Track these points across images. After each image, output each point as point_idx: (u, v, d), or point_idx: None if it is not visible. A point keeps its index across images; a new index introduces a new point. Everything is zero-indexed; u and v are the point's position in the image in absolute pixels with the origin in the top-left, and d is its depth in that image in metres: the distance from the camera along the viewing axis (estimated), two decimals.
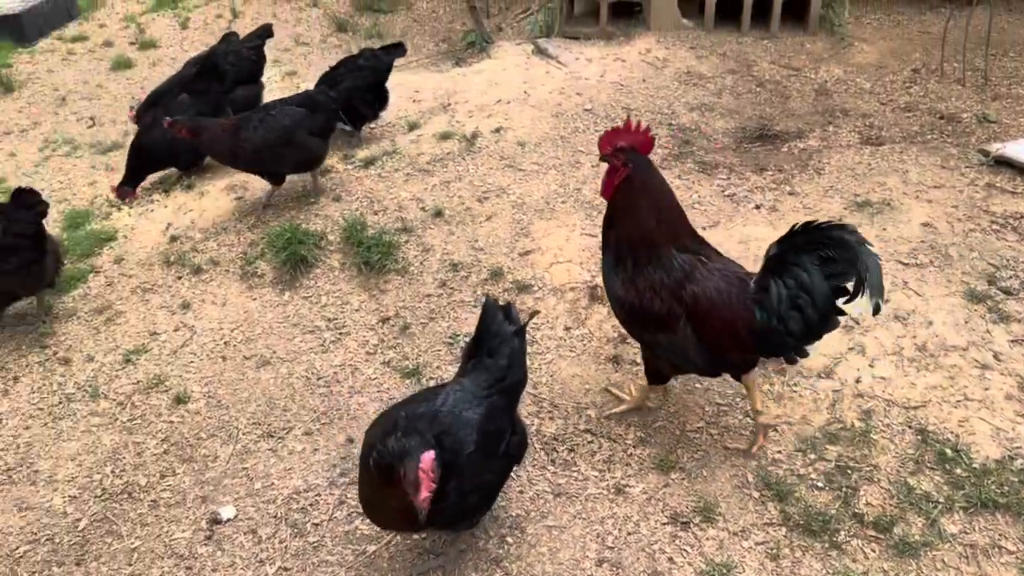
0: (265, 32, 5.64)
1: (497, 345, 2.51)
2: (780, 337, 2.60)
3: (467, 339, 3.50)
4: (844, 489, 2.68)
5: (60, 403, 3.45)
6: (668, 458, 2.86)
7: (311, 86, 6.49)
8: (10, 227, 3.63)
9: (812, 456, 2.82)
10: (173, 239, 4.38)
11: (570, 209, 4.12)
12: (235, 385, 3.48)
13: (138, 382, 3.51)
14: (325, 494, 2.93)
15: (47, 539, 2.86)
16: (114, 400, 3.43)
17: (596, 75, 5.48)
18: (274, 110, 4.38)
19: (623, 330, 3.05)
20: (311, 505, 2.87)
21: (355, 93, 4.96)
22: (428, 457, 2.06)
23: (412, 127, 5.14)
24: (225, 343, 3.71)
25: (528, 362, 2.67)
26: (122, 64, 7.46)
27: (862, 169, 4.35)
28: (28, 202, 3.68)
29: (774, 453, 2.85)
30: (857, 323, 3.25)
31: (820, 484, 2.72)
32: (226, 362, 3.60)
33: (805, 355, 2.67)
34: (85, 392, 3.48)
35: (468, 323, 3.65)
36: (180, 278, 4.13)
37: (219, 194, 4.70)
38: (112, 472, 3.11)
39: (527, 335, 2.68)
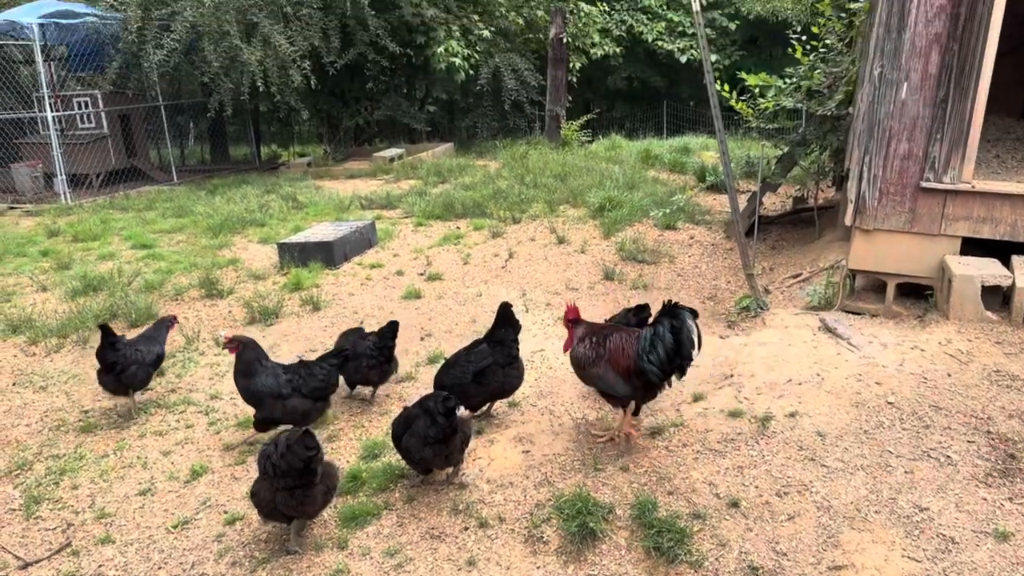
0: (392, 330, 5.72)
1: None
2: (646, 365, 4.34)
3: None
4: None
5: None
6: None
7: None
8: (285, 455, 3.94)
9: None
10: (462, 486, 4.50)
11: (886, 522, 3.78)
12: None
13: None
14: None
15: None
16: None
17: (894, 363, 5.22)
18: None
19: None
20: None
21: None
22: None
23: (697, 398, 5.11)
24: None
25: None
26: (412, 294, 8.20)
27: None
28: (307, 443, 3.98)
29: None
30: None
31: None
32: None
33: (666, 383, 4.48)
34: None
35: None
36: (467, 529, 4.18)
37: (507, 444, 4.84)
38: None
39: None
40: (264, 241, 10.12)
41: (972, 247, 6.33)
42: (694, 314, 4.33)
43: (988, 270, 5.81)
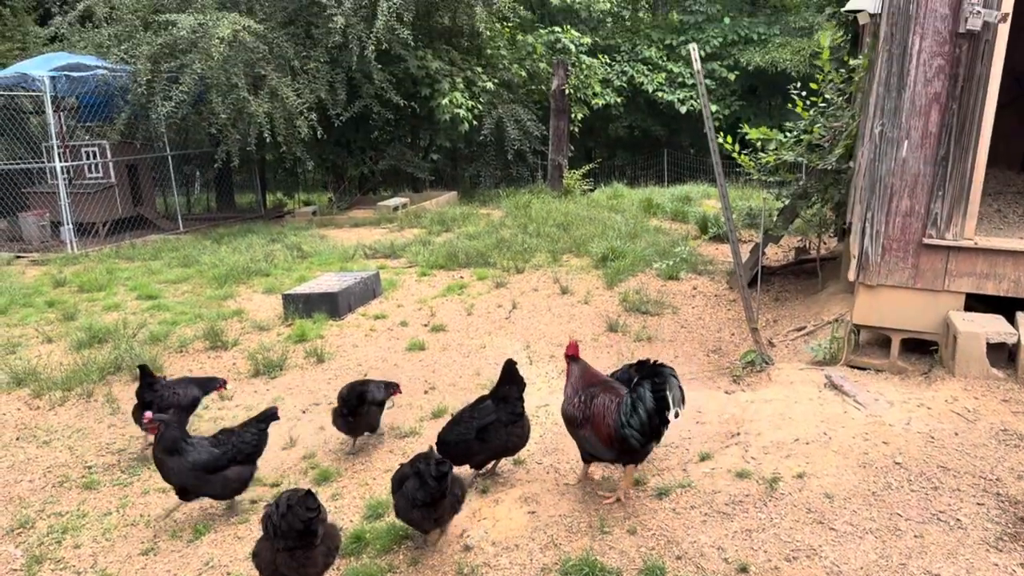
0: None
1: None
2: (627, 431, 4.34)
3: None
4: None
5: None
6: None
7: None
8: (286, 516, 3.92)
9: None
10: (467, 548, 4.45)
11: None
12: None
13: None
14: None
15: None
16: None
17: (901, 422, 5.20)
18: None
19: None
20: None
21: None
22: None
23: (704, 457, 5.07)
24: None
25: None
26: (416, 346, 8.20)
27: None
28: (308, 504, 3.96)
29: None
30: None
31: None
32: None
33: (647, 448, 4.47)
34: None
35: None
36: None
37: (513, 504, 4.79)
38: None
39: None
40: (269, 291, 10.16)
41: (976, 301, 6.36)
42: (674, 373, 4.38)
43: (993, 327, 5.82)
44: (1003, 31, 5.82)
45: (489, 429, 5.10)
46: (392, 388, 6.15)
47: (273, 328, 8.80)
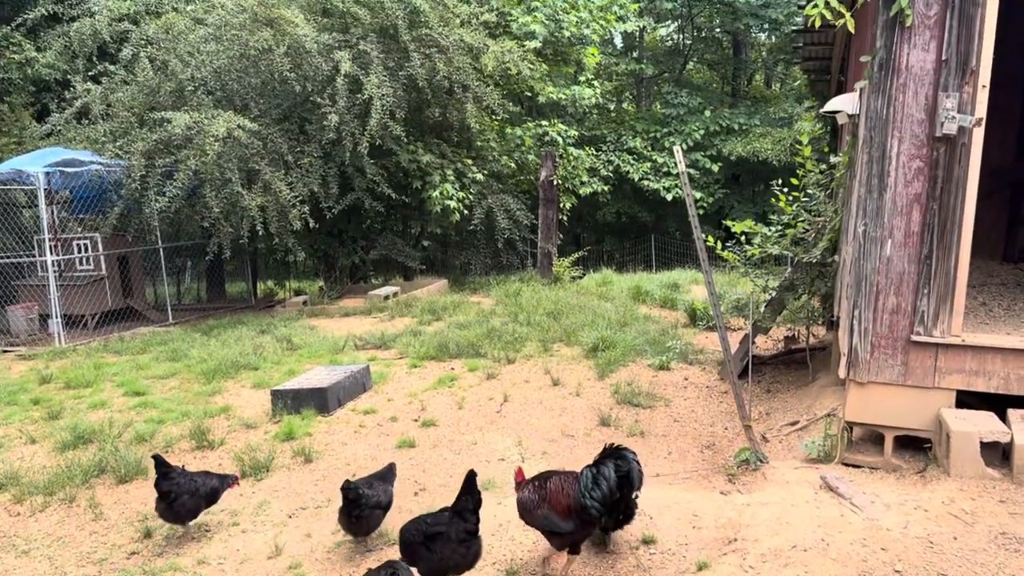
0: None
1: None
2: (587, 501, 4.74)
3: None
4: None
5: None
6: None
7: None
8: None
9: None
10: None
11: None
12: None
13: None
14: None
15: None
16: None
17: (898, 526, 5.13)
18: None
19: None
20: None
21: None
22: None
23: (701, 567, 4.96)
24: None
25: None
26: (406, 443, 8.09)
27: None
28: None
29: None
30: None
31: None
32: None
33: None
34: None
35: None
36: None
37: None
38: None
39: None
40: (257, 386, 10.06)
41: (967, 395, 6.35)
42: (635, 457, 4.91)
43: (985, 426, 5.81)
44: (978, 134, 6.00)
45: (437, 540, 4.78)
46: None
47: (260, 425, 8.68)
